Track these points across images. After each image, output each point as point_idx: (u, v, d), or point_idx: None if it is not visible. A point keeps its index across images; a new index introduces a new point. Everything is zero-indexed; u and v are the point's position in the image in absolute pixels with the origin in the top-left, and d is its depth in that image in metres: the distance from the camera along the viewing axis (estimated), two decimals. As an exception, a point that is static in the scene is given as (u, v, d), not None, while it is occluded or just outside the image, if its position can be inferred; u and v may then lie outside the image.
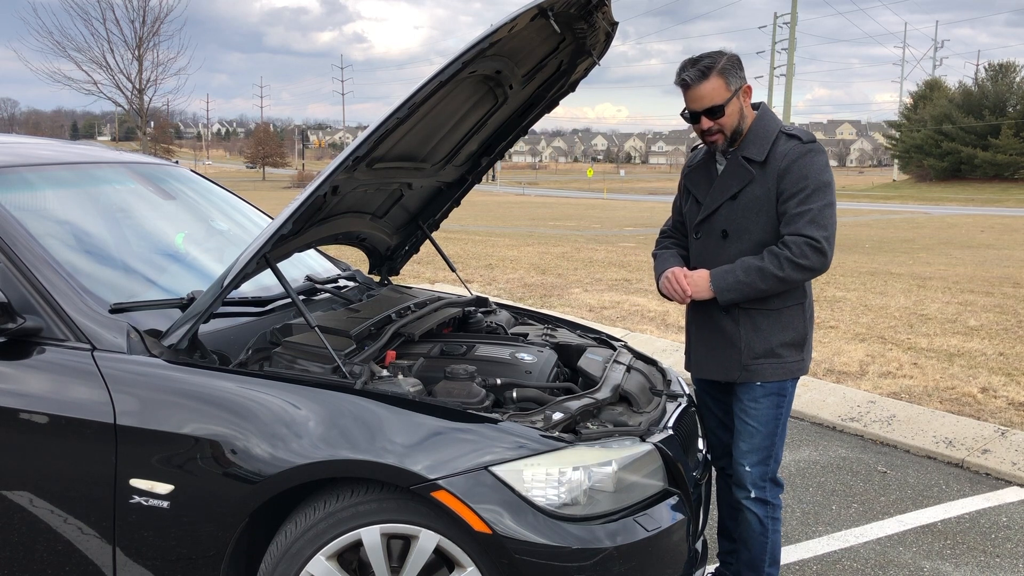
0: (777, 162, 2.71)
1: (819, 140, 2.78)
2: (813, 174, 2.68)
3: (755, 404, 2.82)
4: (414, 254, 3.95)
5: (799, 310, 2.81)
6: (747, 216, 2.76)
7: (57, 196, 2.98)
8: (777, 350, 2.78)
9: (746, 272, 2.70)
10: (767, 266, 2.67)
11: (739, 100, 2.73)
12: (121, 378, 2.33)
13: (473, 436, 2.25)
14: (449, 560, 2.25)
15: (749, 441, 2.85)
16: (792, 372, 2.82)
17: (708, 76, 2.68)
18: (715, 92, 2.69)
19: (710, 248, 2.85)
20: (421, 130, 2.87)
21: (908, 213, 32.83)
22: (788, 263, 2.65)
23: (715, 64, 2.68)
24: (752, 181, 2.73)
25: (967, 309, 8.78)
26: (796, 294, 2.79)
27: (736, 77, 2.71)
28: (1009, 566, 3.55)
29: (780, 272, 2.66)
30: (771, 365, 2.79)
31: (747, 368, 2.80)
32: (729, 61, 2.70)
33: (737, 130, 2.75)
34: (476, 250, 14.46)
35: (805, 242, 2.65)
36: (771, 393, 2.81)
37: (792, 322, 2.80)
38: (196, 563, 2.31)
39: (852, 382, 5.91)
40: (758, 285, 2.69)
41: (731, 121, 2.73)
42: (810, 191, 2.67)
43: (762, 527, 2.88)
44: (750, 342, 2.78)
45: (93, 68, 29.25)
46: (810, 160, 2.69)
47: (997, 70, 58.03)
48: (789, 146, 2.71)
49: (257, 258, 2.35)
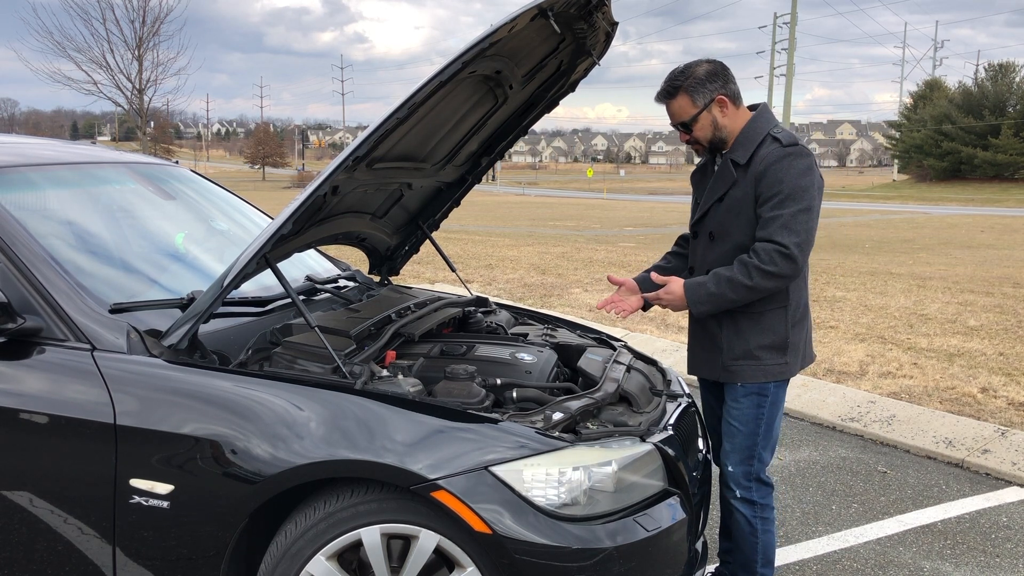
0: (756, 165, 2.71)
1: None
2: (789, 178, 2.65)
3: (736, 404, 2.84)
4: (414, 254, 3.95)
5: (781, 313, 2.79)
6: (729, 218, 2.77)
7: (57, 196, 2.98)
8: (755, 352, 2.78)
9: (716, 284, 2.70)
10: (736, 276, 2.67)
11: (711, 113, 2.75)
12: (121, 378, 2.33)
13: (473, 436, 2.25)
14: (449, 560, 2.25)
15: (731, 441, 2.87)
16: (773, 375, 2.80)
17: (674, 95, 2.77)
18: (681, 110, 2.77)
19: (701, 249, 2.88)
20: (421, 130, 2.87)
21: (908, 213, 32.84)
22: (756, 271, 2.65)
23: (681, 83, 2.74)
24: (735, 184, 2.75)
25: (967, 309, 8.78)
26: (778, 297, 2.77)
27: (704, 92, 2.73)
28: (1009, 566, 3.55)
29: (749, 281, 2.66)
30: (750, 367, 2.79)
31: (727, 368, 2.82)
32: (696, 79, 2.73)
33: (718, 139, 2.79)
34: (476, 250, 14.46)
35: (774, 248, 2.63)
36: (751, 393, 2.81)
37: (773, 325, 2.79)
38: (196, 563, 2.31)
39: (852, 382, 5.91)
40: (728, 296, 2.70)
41: (703, 134, 2.78)
42: (783, 196, 2.65)
43: (751, 527, 2.89)
44: (731, 343, 2.80)
45: (93, 68, 29.30)
46: (787, 164, 2.67)
47: (997, 70, 58.05)
48: (769, 149, 2.71)
49: (257, 258, 2.35)
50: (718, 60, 2.80)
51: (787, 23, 47.59)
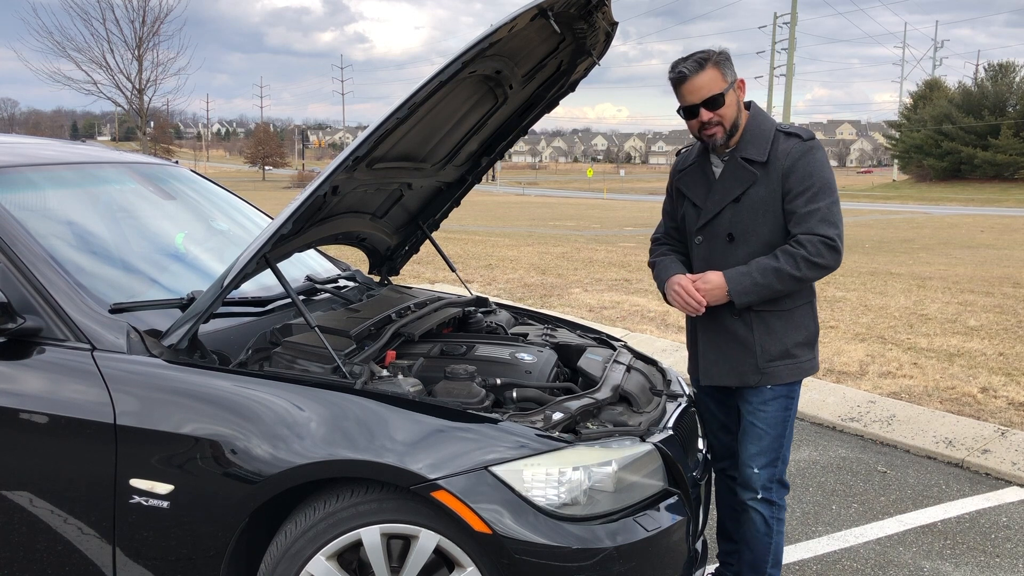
0: (780, 161, 2.70)
1: (819, 140, 2.79)
2: (817, 172, 2.69)
3: (764, 407, 2.80)
4: (414, 254, 3.95)
5: (809, 308, 2.81)
6: (753, 218, 2.74)
7: (58, 196, 2.98)
8: (792, 351, 2.77)
9: (763, 274, 2.67)
10: (783, 266, 2.66)
11: (735, 92, 2.74)
12: (121, 378, 2.33)
13: (473, 436, 2.25)
14: (449, 560, 2.25)
15: (758, 444, 2.82)
16: (806, 371, 2.81)
17: (704, 67, 2.68)
18: (712, 82, 2.69)
19: (716, 252, 2.80)
20: (421, 130, 2.87)
21: (908, 213, 32.85)
22: (804, 262, 2.64)
23: (710, 56, 2.70)
24: (755, 182, 2.72)
25: (967, 309, 8.78)
26: (806, 293, 2.79)
27: (730, 70, 2.73)
28: (1009, 566, 3.55)
29: (797, 272, 2.65)
30: (786, 366, 2.77)
31: (763, 372, 2.77)
32: (723, 55, 2.73)
33: (735, 124, 2.74)
34: (476, 250, 14.46)
35: (820, 240, 2.64)
36: (780, 396, 2.80)
37: (804, 321, 2.80)
38: (196, 563, 2.30)
39: (852, 382, 5.91)
40: (775, 286, 2.68)
41: (731, 112, 2.72)
42: (817, 189, 2.67)
43: (767, 528, 2.88)
44: (765, 345, 2.76)
45: (93, 68, 29.29)
46: (813, 158, 2.70)
47: (997, 70, 58.10)
48: (790, 144, 2.71)
49: (257, 258, 2.35)
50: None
51: (787, 23, 47.63)
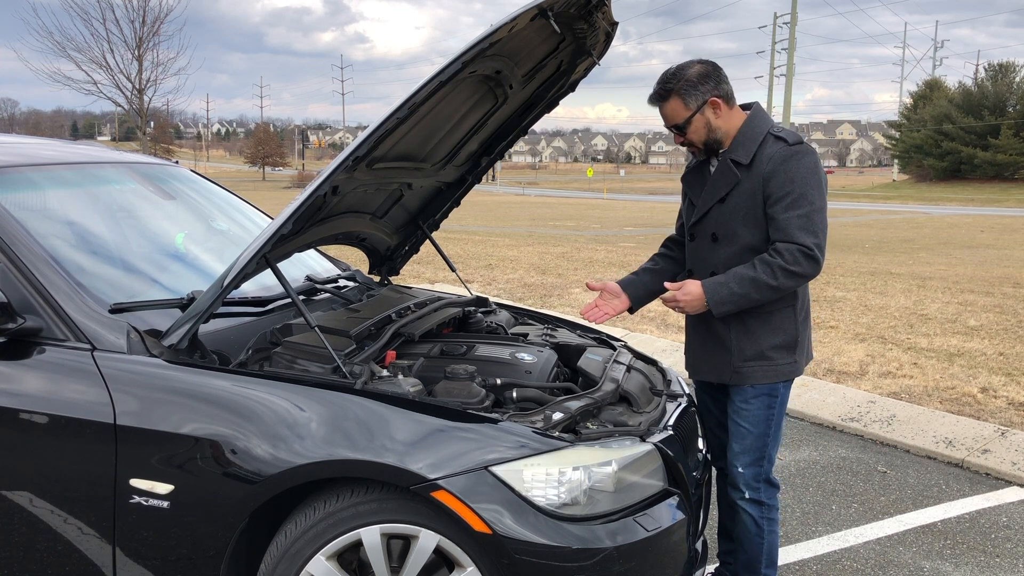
0: (762, 165, 2.69)
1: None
2: (799, 178, 2.65)
3: (746, 405, 2.82)
4: (414, 254, 3.95)
5: (790, 312, 2.80)
6: (735, 219, 2.75)
7: (58, 196, 2.98)
8: (767, 353, 2.77)
9: (740, 284, 2.68)
10: (760, 276, 2.65)
11: (704, 115, 2.73)
12: (121, 378, 2.33)
13: (473, 436, 2.25)
14: (449, 560, 2.25)
15: (741, 442, 2.85)
16: (783, 375, 2.80)
17: (666, 99, 2.75)
18: (674, 113, 2.75)
19: (702, 251, 2.84)
20: (421, 130, 2.87)
21: (908, 213, 32.84)
22: (781, 271, 2.64)
23: (673, 87, 2.73)
24: (739, 184, 2.73)
25: (967, 309, 8.78)
26: (787, 296, 2.78)
27: (696, 95, 2.71)
28: (1009, 566, 3.55)
29: (774, 281, 2.65)
30: (761, 368, 2.78)
31: (738, 371, 2.79)
32: (688, 82, 2.71)
33: (712, 140, 2.76)
34: (476, 250, 14.46)
35: (798, 249, 2.63)
36: (762, 394, 2.80)
37: (783, 324, 2.79)
38: (196, 563, 2.31)
39: (852, 382, 5.91)
40: (753, 296, 2.68)
41: (697, 136, 2.76)
42: (796, 195, 2.64)
43: (757, 528, 2.88)
44: (741, 345, 2.78)
45: (93, 68, 29.37)
46: (796, 163, 2.66)
47: (997, 70, 58.06)
48: (775, 148, 2.70)
49: (257, 258, 2.35)
50: (710, 60, 2.78)
51: (787, 23, 47.62)
